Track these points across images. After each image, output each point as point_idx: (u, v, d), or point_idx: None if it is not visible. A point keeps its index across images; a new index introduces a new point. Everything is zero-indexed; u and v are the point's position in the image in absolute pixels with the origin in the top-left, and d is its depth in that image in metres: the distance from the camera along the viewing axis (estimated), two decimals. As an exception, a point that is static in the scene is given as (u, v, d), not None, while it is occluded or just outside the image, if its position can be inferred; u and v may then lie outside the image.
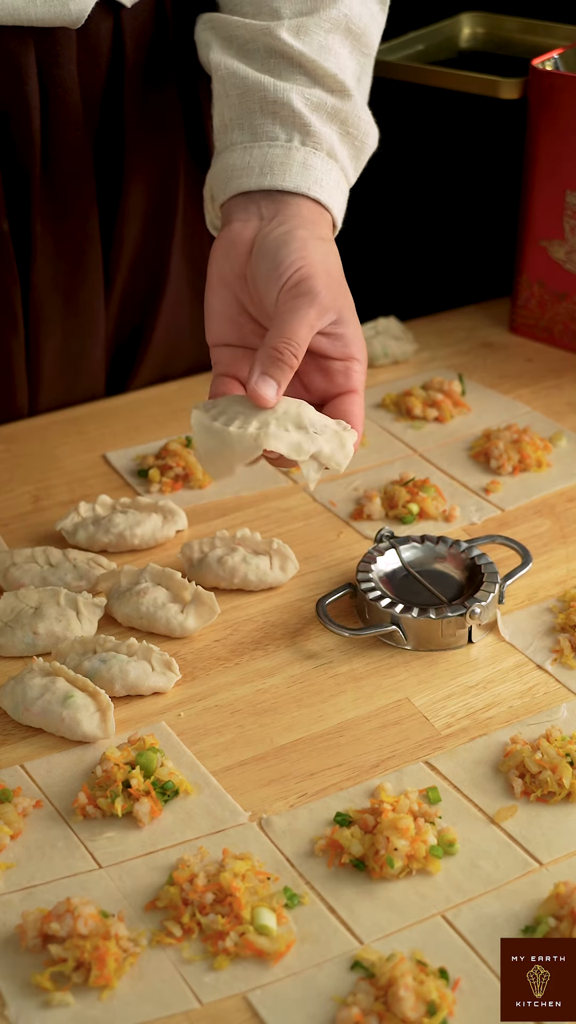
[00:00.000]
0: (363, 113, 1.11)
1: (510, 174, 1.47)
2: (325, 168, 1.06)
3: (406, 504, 1.19)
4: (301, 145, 1.06)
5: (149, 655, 1.02)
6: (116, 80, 1.21)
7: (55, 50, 1.15)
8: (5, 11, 1.09)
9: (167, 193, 1.29)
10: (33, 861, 0.90)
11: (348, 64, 1.10)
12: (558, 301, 1.43)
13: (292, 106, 1.07)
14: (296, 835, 0.91)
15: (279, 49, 1.08)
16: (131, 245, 1.29)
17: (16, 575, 1.10)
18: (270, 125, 1.07)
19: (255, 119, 1.08)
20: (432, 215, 1.68)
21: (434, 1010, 0.78)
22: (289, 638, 1.07)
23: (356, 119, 1.10)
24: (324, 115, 1.08)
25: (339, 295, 1.00)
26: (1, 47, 1.12)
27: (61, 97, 1.17)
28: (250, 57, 1.10)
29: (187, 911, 0.85)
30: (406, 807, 0.90)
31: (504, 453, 1.25)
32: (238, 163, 1.06)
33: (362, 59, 1.12)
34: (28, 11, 1.10)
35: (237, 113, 1.09)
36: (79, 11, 1.12)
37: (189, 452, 1.25)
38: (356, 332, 1.02)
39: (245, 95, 1.08)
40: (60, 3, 1.11)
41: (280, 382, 0.97)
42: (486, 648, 1.06)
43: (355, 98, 1.10)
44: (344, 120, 1.09)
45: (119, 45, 1.20)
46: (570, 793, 0.92)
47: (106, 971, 0.81)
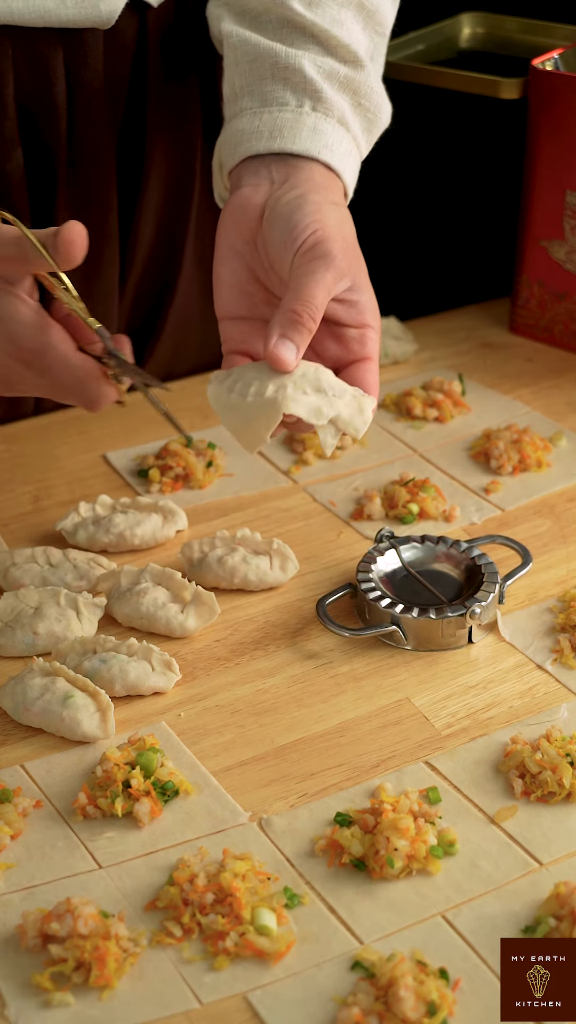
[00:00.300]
0: (376, 86, 1.10)
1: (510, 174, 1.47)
2: (336, 135, 1.05)
3: (406, 504, 1.19)
4: (312, 111, 1.05)
5: (149, 655, 1.02)
6: (140, 79, 1.21)
7: (83, 50, 1.15)
8: (35, 12, 1.09)
9: (182, 192, 1.29)
10: (33, 861, 0.90)
11: (361, 39, 1.10)
12: (558, 301, 1.43)
13: (303, 72, 1.06)
14: (296, 835, 0.91)
15: (291, 19, 1.08)
16: (145, 243, 1.29)
17: (16, 575, 1.10)
18: (280, 91, 1.06)
19: (265, 85, 1.07)
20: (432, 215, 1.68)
21: (434, 1010, 0.78)
22: (289, 638, 1.07)
23: (368, 90, 1.09)
24: (336, 84, 1.07)
25: (354, 261, 1.00)
26: (30, 48, 1.12)
27: (88, 97, 1.17)
28: (262, 28, 1.10)
29: (187, 911, 0.85)
30: (406, 807, 0.90)
31: (504, 453, 1.25)
32: (247, 127, 1.06)
33: (376, 37, 1.12)
34: (59, 12, 1.10)
35: (247, 80, 1.08)
36: (109, 12, 1.12)
37: (189, 452, 1.25)
38: (370, 299, 1.01)
39: (256, 62, 1.08)
40: (91, 4, 1.11)
41: (299, 345, 0.95)
42: (486, 648, 1.06)
43: (368, 70, 1.09)
44: (356, 91, 1.08)
45: (143, 44, 1.20)
46: (570, 793, 0.92)
47: (106, 971, 0.81)
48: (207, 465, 1.25)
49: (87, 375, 1.00)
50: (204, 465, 1.24)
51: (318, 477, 1.26)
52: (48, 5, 1.10)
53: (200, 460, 1.25)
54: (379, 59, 1.13)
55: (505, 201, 1.51)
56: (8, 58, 1.12)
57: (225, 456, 1.27)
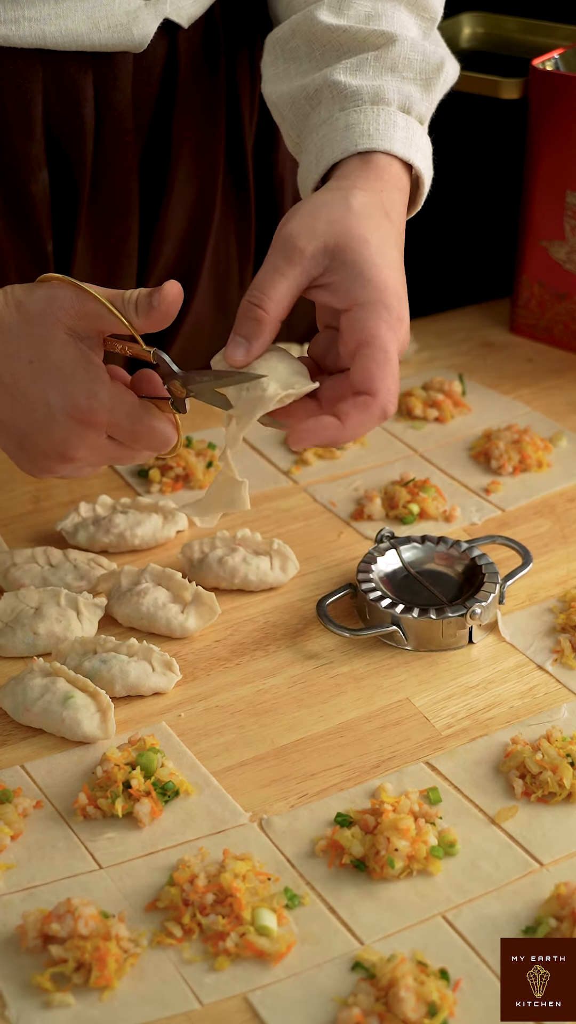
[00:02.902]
0: (411, 53, 1.05)
1: (510, 174, 1.46)
2: (368, 118, 1.02)
3: (406, 504, 1.19)
4: (340, 112, 1.04)
5: (149, 655, 1.02)
6: (167, 100, 1.21)
7: (113, 73, 1.14)
8: (68, 37, 1.09)
9: (203, 213, 1.29)
10: (33, 862, 0.90)
11: (408, 24, 1.07)
12: (558, 301, 1.43)
13: (328, 82, 1.05)
14: (297, 835, 0.91)
15: (317, 35, 1.07)
16: (165, 261, 1.29)
17: (16, 575, 1.10)
18: (317, 114, 1.06)
19: (309, 119, 1.07)
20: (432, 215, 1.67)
21: (435, 1011, 0.78)
22: (289, 638, 1.07)
23: (407, 60, 1.05)
24: (368, 71, 1.05)
25: (325, 233, 0.94)
26: (60, 71, 1.12)
27: (116, 120, 1.17)
28: (294, 59, 1.10)
29: (187, 912, 0.85)
30: (407, 808, 0.90)
31: (504, 453, 1.25)
32: (304, 165, 1.06)
33: (423, 23, 1.09)
34: (91, 37, 1.10)
35: (296, 127, 1.09)
36: (142, 36, 1.12)
37: (189, 452, 1.25)
38: (358, 271, 0.93)
39: (295, 105, 1.08)
40: (124, 28, 1.10)
41: (249, 338, 0.94)
42: (486, 648, 1.06)
43: (403, 41, 1.05)
44: (393, 65, 1.05)
45: (173, 65, 1.19)
46: (571, 794, 0.92)
47: (107, 972, 0.81)
48: (207, 465, 1.25)
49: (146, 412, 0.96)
50: (204, 465, 1.24)
51: (318, 477, 1.25)
52: (80, 29, 1.09)
53: (200, 460, 1.25)
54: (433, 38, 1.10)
55: (505, 201, 1.51)
56: (38, 81, 1.11)
57: (225, 456, 1.27)
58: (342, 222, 0.95)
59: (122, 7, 1.10)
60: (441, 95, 1.10)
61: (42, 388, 0.94)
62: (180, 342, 1.36)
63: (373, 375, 0.92)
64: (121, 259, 1.25)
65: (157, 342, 1.35)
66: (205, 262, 1.32)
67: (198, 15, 1.18)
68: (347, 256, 0.94)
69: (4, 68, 1.09)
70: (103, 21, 1.09)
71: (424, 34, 1.10)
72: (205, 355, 1.39)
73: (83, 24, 1.08)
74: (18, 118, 1.12)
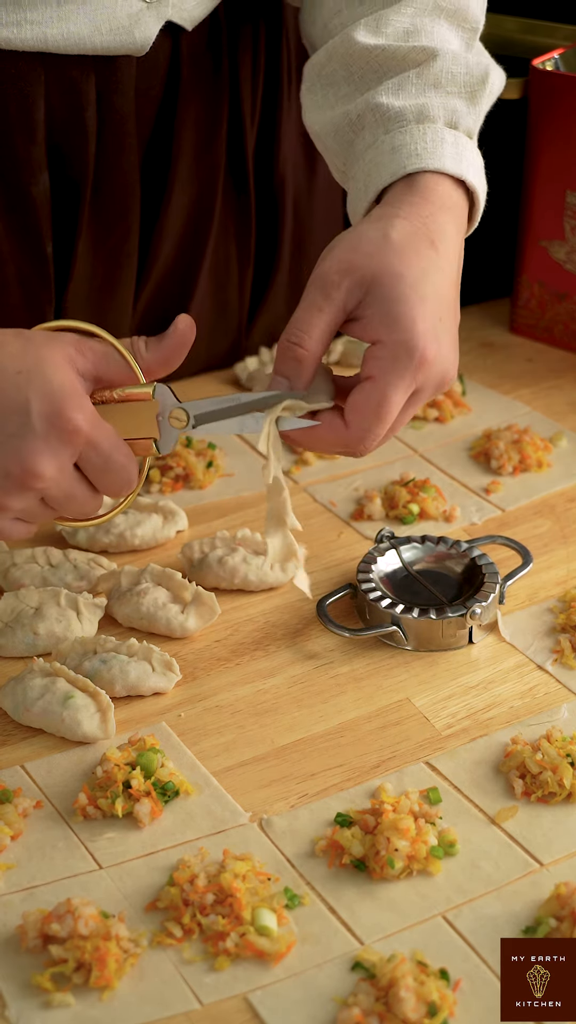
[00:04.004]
0: (454, 67, 1.04)
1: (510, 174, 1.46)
2: (414, 138, 1.00)
3: (406, 504, 1.19)
4: (385, 134, 1.02)
5: (149, 655, 1.02)
6: (169, 103, 1.20)
7: (115, 77, 1.14)
8: (71, 40, 1.08)
9: (203, 214, 1.29)
10: (33, 862, 0.90)
11: (449, 38, 1.06)
12: (558, 301, 1.43)
13: (370, 105, 1.04)
14: (297, 836, 0.91)
15: (355, 57, 1.06)
16: (164, 261, 1.29)
17: (16, 575, 1.10)
18: (362, 140, 1.05)
19: (354, 146, 1.06)
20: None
21: (435, 1011, 0.78)
22: (290, 638, 1.07)
23: (449, 74, 1.04)
24: (411, 89, 1.03)
25: (362, 266, 0.94)
26: (62, 75, 1.11)
27: (118, 123, 1.17)
28: (332, 83, 1.08)
29: (188, 912, 0.85)
30: (407, 808, 0.90)
31: (504, 453, 1.25)
32: (354, 193, 1.05)
33: (464, 34, 1.08)
34: (93, 40, 1.09)
35: (341, 156, 1.08)
36: (144, 39, 1.12)
37: (189, 452, 1.25)
38: (386, 307, 0.93)
39: (338, 133, 1.07)
40: (125, 31, 1.10)
41: (290, 376, 0.95)
42: (487, 648, 1.06)
43: (444, 55, 1.04)
44: (436, 82, 1.04)
45: (175, 68, 1.19)
46: (571, 794, 0.92)
47: (107, 972, 0.81)
48: (207, 465, 1.25)
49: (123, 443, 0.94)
50: (204, 465, 1.24)
51: (318, 477, 1.25)
52: (83, 32, 1.08)
53: (200, 460, 1.25)
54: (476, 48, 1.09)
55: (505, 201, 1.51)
56: (40, 84, 1.11)
57: (225, 456, 1.27)
58: (378, 255, 0.94)
59: (124, 10, 1.09)
60: (488, 106, 1.08)
61: (24, 396, 0.89)
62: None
63: (358, 409, 0.94)
64: (121, 259, 1.25)
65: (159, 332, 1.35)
66: (204, 263, 1.32)
67: (201, 17, 1.18)
68: (380, 291, 0.94)
69: (6, 71, 1.09)
70: (105, 24, 1.09)
71: (467, 46, 1.08)
72: (204, 355, 1.39)
73: (85, 27, 1.08)
74: (20, 121, 1.12)
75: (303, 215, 1.39)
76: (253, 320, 1.41)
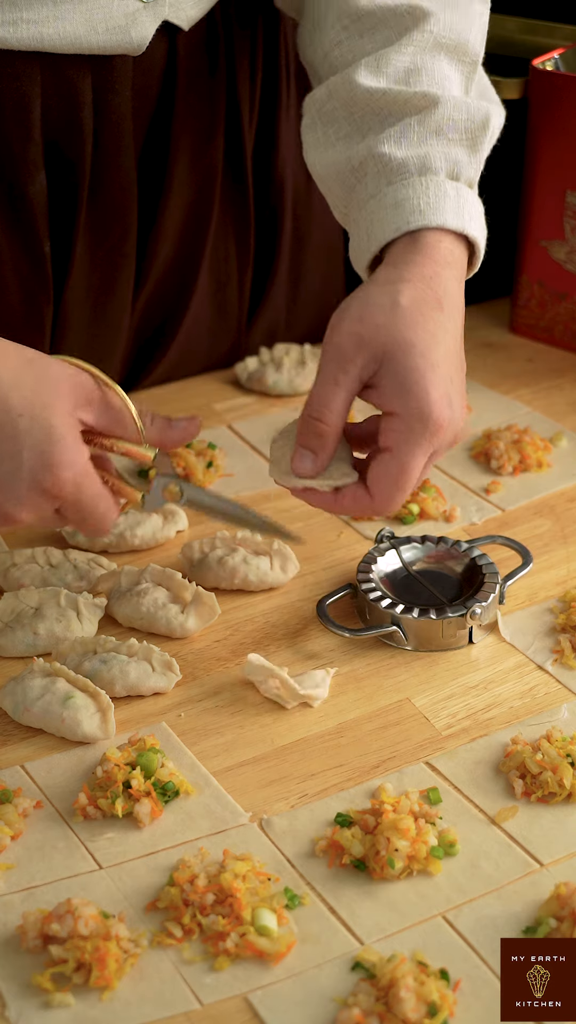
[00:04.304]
0: (455, 114, 1.05)
1: (510, 174, 1.46)
2: (418, 192, 1.01)
3: (406, 504, 1.19)
4: (388, 186, 1.03)
5: (149, 655, 1.02)
6: (166, 103, 1.20)
7: (111, 76, 1.14)
8: (67, 40, 1.08)
9: (202, 213, 1.29)
10: (33, 862, 0.90)
11: (450, 75, 1.06)
12: (558, 301, 1.43)
13: (374, 153, 1.04)
14: (297, 836, 0.91)
15: (356, 100, 1.06)
16: (162, 262, 1.29)
17: (16, 575, 1.10)
18: (364, 188, 1.05)
19: (356, 192, 1.06)
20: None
21: (435, 1011, 0.78)
22: (289, 639, 1.07)
23: (451, 121, 1.04)
24: (412, 138, 1.04)
25: (372, 342, 0.95)
26: (59, 74, 1.11)
27: (114, 123, 1.17)
28: (334, 122, 1.08)
29: (188, 912, 0.85)
30: (407, 808, 0.90)
31: (504, 453, 1.25)
32: (355, 243, 1.06)
33: (464, 68, 1.08)
34: (89, 39, 1.09)
35: (343, 200, 1.08)
36: (140, 38, 1.11)
37: (189, 452, 1.25)
38: (401, 382, 0.95)
39: (340, 177, 1.07)
40: (122, 31, 1.10)
41: (316, 451, 0.97)
42: (487, 649, 1.06)
43: (445, 101, 1.04)
44: (438, 129, 1.04)
45: (172, 67, 1.19)
46: (571, 794, 0.92)
47: (107, 972, 0.81)
48: (207, 465, 1.24)
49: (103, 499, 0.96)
50: (204, 465, 1.24)
51: (318, 477, 1.25)
52: (78, 32, 1.08)
53: (200, 460, 1.24)
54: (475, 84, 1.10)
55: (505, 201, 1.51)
56: (36, 84, 1.11)
57: (225, 456, 1.27)
58: (389, 326, 0.96)
59: (120, 9, 1.09)
60: (488, 150, 1.08)
61: (20, 444, 0.91)
62: (178, 344, 1.36)
63: (380, 481, 0.97)
64: (119, 260, 1.25)
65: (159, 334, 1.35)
66: (203, 263, 1.32)
67: (198, 18, 1.18)
68: (393, 363, 0.96)
69: (2, 70, 1.09)
70: (101, 23, 1.09)
71: (466, 82, 1.08)
72: (204, 355, 1.39)
73: (81, 26, 1.08)
74: (16, 120, 1.12)
75: (302, 215, 1.39)
76: (253, 320, 1.41)
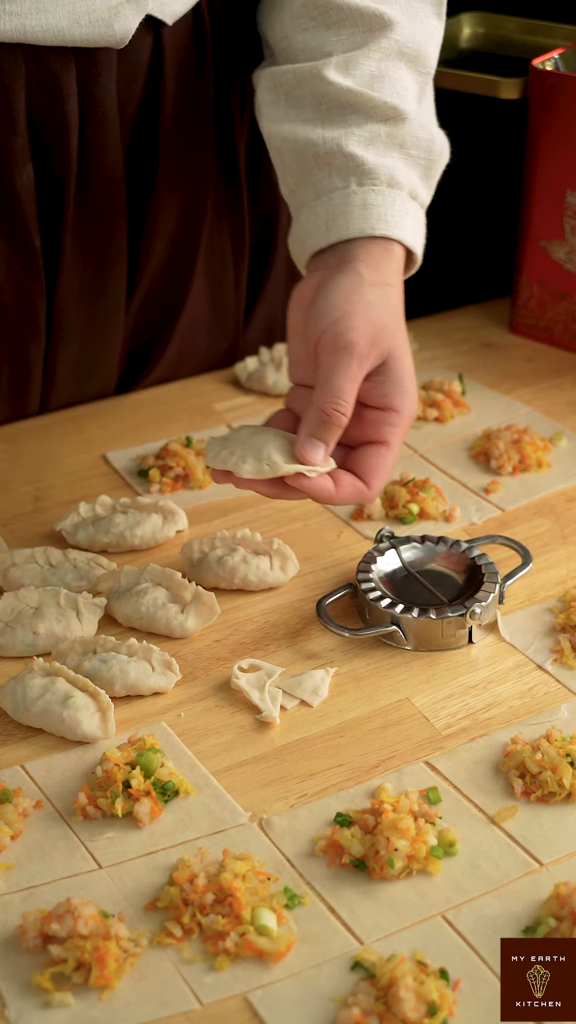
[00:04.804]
0: (419, 132, 1.11)
1: (510, 174, 1.46)
2: (387, 202, 1.06)
3: (406, 504, 1.19)
4: (359, 187, 1.06)
5: (149, 655, 1.02)
6: (153, 98, 1.21)
7: (96, 69, 1.14)
8: (49, 32, 1.09)
9: (195, 210, 1.29)
10: (33, 861, 0.90)
11: (408, 86, 1.11)
12: (558, 301, 1.43)
13: (344, 151, 1.07)
14: (296, 835, 0.91)
15: (326, 93, 1.09)
16: (156, 260, 1.29)
17: (16, 575, 1.10)
18: (327, 178, 1.08)
19: (313, 176, 1.09)
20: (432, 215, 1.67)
21: (434, 1010, 0.78)
22: (289, 638, 1.07)
23: (415, 139, 1.10)
24: (380, 147, 1.08)
25: (382, 341, 1.01)
26: (43, 66, 1.12)
27: (100, 116, 1.17)
28: (299, 105, 1.11)
29: (187, 911, 0.85)
30: (406, 807, 0.90)
31: (504, 453, 1.25)
32: (308, 225, 1.08)
33: (420, 78, 1.12)
34: (72, 32, 1.10)
35: (297, 176, 1.10)
36: (124, 31, 1.12)
37: (189, 452, 1.25)
38: (400, 382, 1.02)
39: (299, 156, 1.10)
40: (105, 24, 1.10)
41: (328, 442, 1.00)
42: (486, 648, 1.06)
43: (411, 118, 1.10)
44: (403, 143, 1.09)
45: (158, 63, 1.19)
46: (570, 793, 0.92)
47: (106, 971, 0.81)
48: (207, 465, 1.24)
49: None
50: (204, 465, 1.24)
51: (318, 477, 1.25)
52: (61, 24, 1.09)
53: (200, 460, 1.24)
54: (427, 97, 1.14)
55: (505, 201, 1.51)
56: (20, 76, 1.11)
57: (225, 456, 1.27)
58: (394, 329, 1.02)
59: (103, 3, 1.10)
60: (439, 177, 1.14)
61: None
62: (176, 342, 1.36)
63: (378, 472, 1.02)
64: (111, 256, 1.25)
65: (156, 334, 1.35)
66: (199, 261, 1.32)
67: (182, 12, 1.18)
68: (395, 364, 1.02)
69: None
70: (84, 16, 1.09)
71: (421, 92, 1.13)
72: (202, 354, 1.39)
73: (64, 19, 1.09)
74: (0, 112, 1.12)
75: None
76: (250, 317, 1.41)
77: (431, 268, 1.68)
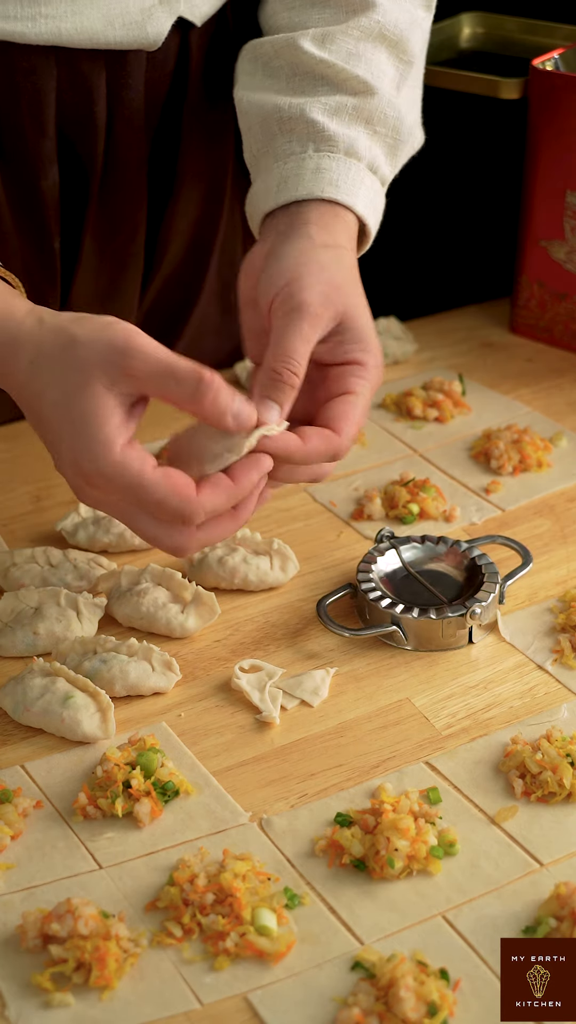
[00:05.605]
0: (388, 110, 1.09)
1: (510, 174, 1.46)
2: (341, 168, 1.05)
3: (406, 504, 1.19)
4: (315, 152, 1.06)
5: (149, 655, 1.02)
6: (177, 98, 1.21)
7: (125, 71, 1.15)
8: (84, 35, 1.09)
9: (212, 213, 1.29)
10: (33, 861, 0.90)
11: (386, 69, 1.10)
12: (558, 301, 1.43)
13: (306, 117, 1.07)
14: (296, 835, 0.91)
15: (302, 62, 1.09)
16: (171, 261, 1.29)
17: (16, 575, 1.10)
18: (287, 143, 1.07)
19: (276, 142, 1.08)
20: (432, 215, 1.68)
21: (435, 1011, 0.78)
22: (289, 638, 1.07)
23: (382, 116, 1.09)
24: (345, 117, 1.07)
25: (337, 301, 0.98)
26: (74, 69, 1.12)
27: (127, 118, 1.17)
28: (275, 76, 1.11)
29: (187, 911, 0.85)
30: (406, 807, 0.90)
31: (504, 453, 1.25)
32: (260, 188, 1.07)
33: (400, 65, 1.12)
34: (107, 35, 1.10)
35: (260, 143, 1.10)
36: (156, 33, 1.12)
37: (189, 452, 1.25)
38: (361, 338, 0.99)
39: (265, 122, 1.09)
40: (138, 26, 1.11)
41: (282, 403, 0.95)
42: (486, 648, 1.06)
43: (381, 95, 1.09)
44: (369, 118, 1.08)
45: (184, 63, 1.19)
46: (571, 793, 0.92)
47: (106, 971, 0.81)
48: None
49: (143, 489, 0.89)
50: (204, 465, 1.24)
51: (318, 477, 1.25)
52: (96, 27, 1.09)
53: (200, 460, 1.24)
54: (409, 85, 1.13)
55: (505, 201, 1.51)
56: (52, 78, 1.11)
57: (225, 456, 1.27)
58: (346, 289, 0.99)
59: (137, 5, 1.10)
60: (403, 161, 1.13)
61: (57, 434, 0.91)
62: (185, 342, 1.36)
63: (347, 419, 0.97)
64: (127, 258, 1.25)
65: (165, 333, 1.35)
66: (212, 263, 1.32)
67: (210, 14, 1.18)
68: (352, 322, 0.99)
69: (19, 65, 1.09)
70: (118, 19, 1.10)
71: (400, 79, 1.12)
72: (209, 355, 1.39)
73: (98, 21, 1.09)
74: (31, 115, 1.12)
75: None
76: None
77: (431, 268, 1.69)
